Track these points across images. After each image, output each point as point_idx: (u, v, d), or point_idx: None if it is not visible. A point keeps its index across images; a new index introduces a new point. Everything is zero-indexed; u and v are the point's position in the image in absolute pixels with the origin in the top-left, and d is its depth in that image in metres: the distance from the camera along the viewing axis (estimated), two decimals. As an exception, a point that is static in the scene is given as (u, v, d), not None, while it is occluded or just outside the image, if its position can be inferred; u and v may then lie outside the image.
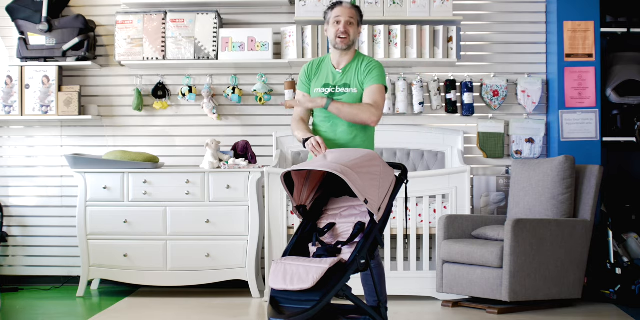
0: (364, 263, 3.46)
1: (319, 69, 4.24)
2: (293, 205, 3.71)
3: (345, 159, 3.52)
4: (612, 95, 6.13)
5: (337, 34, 4.13)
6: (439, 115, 6.36)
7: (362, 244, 3.47)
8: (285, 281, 3.34)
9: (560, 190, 5.49)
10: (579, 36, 6.05)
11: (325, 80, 4.20)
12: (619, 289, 5.56)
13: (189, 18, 6.24)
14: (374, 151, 3.69)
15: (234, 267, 5.81)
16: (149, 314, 5.31)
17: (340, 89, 4.16)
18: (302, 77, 4.28)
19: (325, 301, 3.28)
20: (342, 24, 4.12)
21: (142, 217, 5.84)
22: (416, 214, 5.73)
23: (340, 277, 3.35)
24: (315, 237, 3.63)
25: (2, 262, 6.45)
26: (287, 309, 3.32)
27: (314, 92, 4.21)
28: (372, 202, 3.47)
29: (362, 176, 3.46)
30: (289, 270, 3.37)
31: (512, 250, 5.16)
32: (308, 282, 3.29)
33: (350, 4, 4.18)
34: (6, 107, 6.23)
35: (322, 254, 3.51)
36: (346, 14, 4.13)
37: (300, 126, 4.16)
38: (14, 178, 6.48)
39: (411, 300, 5.64)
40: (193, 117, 6.44)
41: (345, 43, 4.14)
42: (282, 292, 3.37)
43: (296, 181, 3.66)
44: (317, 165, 3.48)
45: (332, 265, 3.34)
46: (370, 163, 3.55)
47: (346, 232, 3.65)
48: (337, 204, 3.78)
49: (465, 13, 6.34)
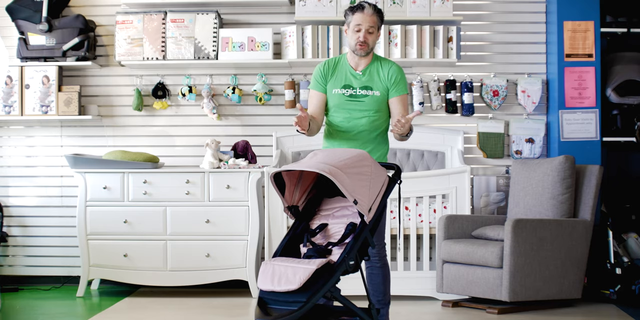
0: (353, 264, 3.43)
1: (336, 70, 4.19)
2: (284, 205, 3.69)
3: (335, 159, 3.49)
4: (612, 95, 6.13)
5: (357, 42, 4.09)
6: (439, 115, 6.36)
7: (352, 245, 3.44)
8: (272, 282, 3.32)
9: (560, 190, 5.50)
10: (579, 36, 6.05)
11: (344, 81, 4.16)
12: (619, 289, 5.56)
13: (189, 18, 6.24)
14: (365, 151, 3.65)
15: (234, 267, 5.81)
16: (149, 314, 5.31)
17: (362, 91, 4.14)
18: (317, 76, 4.22)
19: (312, 302, 3.25)
20: (363, 33, 4.08)
21: (142, 217, 5.84)
22: (416, 214, 5.73)
23: (328, 278, 3.31)
24: (306, 238, 3.61)
25: (2, 262, 6.45)
26: (274, 310, 3.30)
27: (333, 93, 4.17)
28: (362, 203, 3.44)
29: (351, 177, 3.43)
30: (277, 271, 3.35)
31: (512, 250, 5.16)
32: (295, 283, 3.26)
33: (372, 8, 4.09)
34: (6, 107, 6.23)
35: (312, 254, 3.48)
36: (367, 22, 4.07)
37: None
38: (14, 178, 6.48)
39: (411, 300, 5.64)
40: (193, 117, 6.44)
41: (364, 50, 4.11)
42: (270, 293, 3.34)
43: (287, 181, 3.63)
44: (305, 166, 3.46)
45: (320, 267, 3.31)
46: (360, 163, 3.52)
47: (338, 233, 3.62)
48: (330, 205, 3.76)
49: (465, 13, 6.34)
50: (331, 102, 4.19)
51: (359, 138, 4.14)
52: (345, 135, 4.16)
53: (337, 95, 4.16)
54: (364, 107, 4.13)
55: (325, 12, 6.15)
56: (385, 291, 4.13)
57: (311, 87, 4.25)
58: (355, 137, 4.15)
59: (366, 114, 4.14)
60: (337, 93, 4.16)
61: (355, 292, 4.45)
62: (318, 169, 3.38)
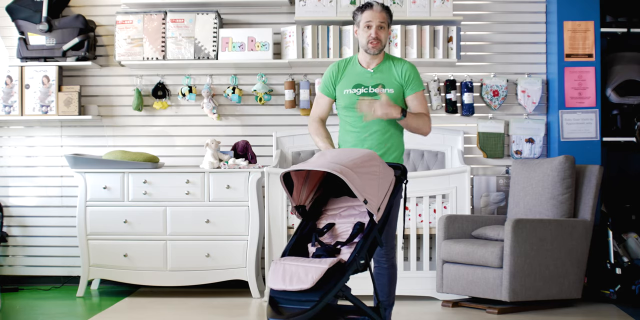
0: (363, 263, 3.45)
1: (345, 71, 4.18)
2: (292, 205, 3.70)
3: (345, 159, 3.50)
4: (612, 95, 6.13)
5: (368, 39, 4.09)
6: (439, 115, 6.36)
7: (362, 245, 3.46)
8: (284, 281, 3.33)
9: (560, 190, 5.50)
10: (579, 36, 6.05)
11: (355, 80, 4.14)
12: (619, 289, 5.56)
13: (189, 18, 6.24)
14: (373, 151, 3.67)
15: (234, 267, 5.81)
16: (149, 314, 5.31)
17: (375, 90, 4.11)
18: (326, 80, 4.21)
19: (325, 301, 3.27)
20: (374, 29, 4.08)
21: (142, 217, 5.84)
22: (416, 214, 5.73)
23: (339, 278, 3.33)
24: (314, 238, 3.62)
25: (2, 262, 6.45)
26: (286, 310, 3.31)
27: (344, 94, 4.15)
28: (372, 202, 3.47)
29: (361, 176, 3.45)
30: (288, 270, 3.36)
31: (512, 250, 5.16)
32: (307, 283, 3.28)
33: (380, 6, 4.11)
34: (6, 107, 6.23)
35: (321, 254, 3.51)
36: (377, 18, 4.08)
37: (320, 132, 4.14)
38: (14, 178, 6.48)
39: (411, 300, 5.64)
40: (193, 117, 6.44)
41: (377, 48, 4.10)
42: (281, 292, 3.36)
43: (295, 181, 3.64)
44: (316, 165, 3.47)
45: (332, 266, 3.33)
46: (369, 163, 3.54)
47: (345, 233, 3.64)
48: (336, 204, 3.77)
49: (465, 13, 6.34)
50: (343, 102, 4.16)
51: (374, 139, 4.11)
52: (359, 135, 4.13)
53: (349, 96, 4.14)
54: None
55: (325, 12, 6.15)
56: (390, 293, 4.13)
57: (319, 90, 4.25)
58: (369, 138, 4.12)
59: None
60: (348, 93, 4.14)
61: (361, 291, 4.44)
62: (329, 168, 3.39)
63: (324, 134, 4.14)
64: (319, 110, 4.22)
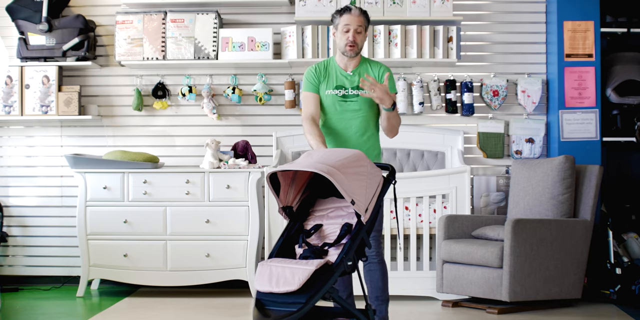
0: (350, 265, 3.42)
1: (327, 72, 4.27)
2: (279, 206, 3.69)
3: (332, 159, 3.48)
4: (612, 95, 6.13)
5: (346, 42, 4.18)
6: (439, 115, 6.36)
7: (349, 246, 3.43)
8: (270, 283, 3.31)
9: (560, 190, 5.50)
10: (579, 36, 6.05)
11: (336, 82, 4.24)
12: (619, 289, 5.56)
13: (189, 18, 6.24)
14: (361, 151, 3.66)
15: (234, 267, 5.81)
16: (149, 314, 5.31)
17: (354, 91, 4.21)
18: (310, 78, 4.27)
19: (312, 304, 3.24)
20: (351, 33, 4.18)
21: (142, 217, 5.84)
22: (416, 214, 5.73)
23: (326, 279, 3.30)
24: (301, 239, 3.60)
25: (2, 262, 6.45)
26: (272, 312, 3.29)
27: (326, 95, 4.23)
28: (359, 203, 3.44)
29: (348, 176, 3.42)
30: (275, 272, 3.33)
31: (512, 250, 5.16)
32: (294, 285, 3.25)
33: (358, 10, 4.22)
34: (6, 107, 6.23)
35: (308, 255, 3.47)
36: (355, 22, 4.17)
37: (312, 131, 4.16)
38: (14, 178, 6.49)
39: (411, 300, 5.64)
40: (193, 117, 6.44)
41: (354, 51, 4.20)
42: (268, 294, 3.33)
43: (282, 182, 3.62)
44: (303, 166, 3.45)
45: (319, 267, 3.30)
46: (357, 163, 3.52)
47: (333, 234, 3.61)
48: (324, 205, 3.74)
49: (465, 13, 6.34)
50: (324, 103, 4.25)
51: (351, 141, 4.20)
52: (338, 137, 4.21)
53: (330, 97, 4.23)
54: (356, 106, 4.20)
55: (325, 12, 6.15)
56: (384, 288, 4.14)
57: (305, 90, 4.28)
58: (347, 140, 4.20)
59: (359, 114, 4.20)
60: (329, 94, 4.23)
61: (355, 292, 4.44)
62: (316, 168, 3.37)
63: (316, 133, 4.16)
64: (309, 109, 4.25)
